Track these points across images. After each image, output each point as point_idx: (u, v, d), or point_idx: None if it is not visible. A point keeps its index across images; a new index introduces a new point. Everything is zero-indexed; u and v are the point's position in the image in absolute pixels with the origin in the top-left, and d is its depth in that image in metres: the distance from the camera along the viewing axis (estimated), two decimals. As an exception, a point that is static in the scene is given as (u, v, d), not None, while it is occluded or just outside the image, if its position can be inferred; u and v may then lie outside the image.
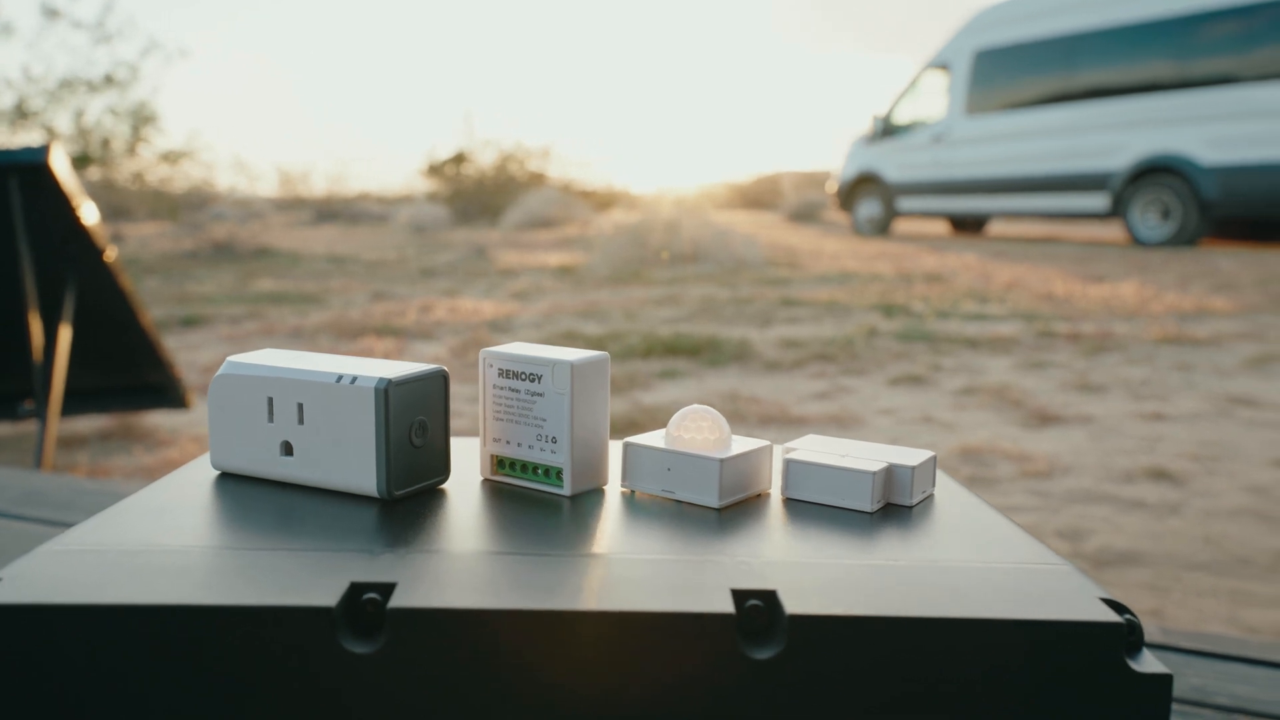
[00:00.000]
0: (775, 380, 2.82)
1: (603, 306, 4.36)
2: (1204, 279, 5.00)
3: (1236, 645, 0.64)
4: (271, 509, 0.38)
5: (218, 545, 0.34)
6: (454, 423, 2.30)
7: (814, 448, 0.43)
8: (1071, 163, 7.50)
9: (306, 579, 0.31)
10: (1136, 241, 7.18)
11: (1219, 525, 1.71)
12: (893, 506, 0.40)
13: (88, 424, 2.48)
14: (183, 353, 3.28)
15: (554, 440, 0.41)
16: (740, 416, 2.36)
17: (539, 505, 0.40)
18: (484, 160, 12.95)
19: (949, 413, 2.43)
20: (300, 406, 0.40)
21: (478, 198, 11.88)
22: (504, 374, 0.42)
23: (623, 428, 2.24)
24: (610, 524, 0.38)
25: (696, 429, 0.41)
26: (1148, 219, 7.14)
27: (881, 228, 9.13)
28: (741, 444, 0.41)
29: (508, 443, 0.42)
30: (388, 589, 0.31)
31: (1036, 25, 7.80)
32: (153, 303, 4.46)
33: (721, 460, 0.39)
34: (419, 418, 0.40)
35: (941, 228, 9.59)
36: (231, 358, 0.42)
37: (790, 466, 0.41)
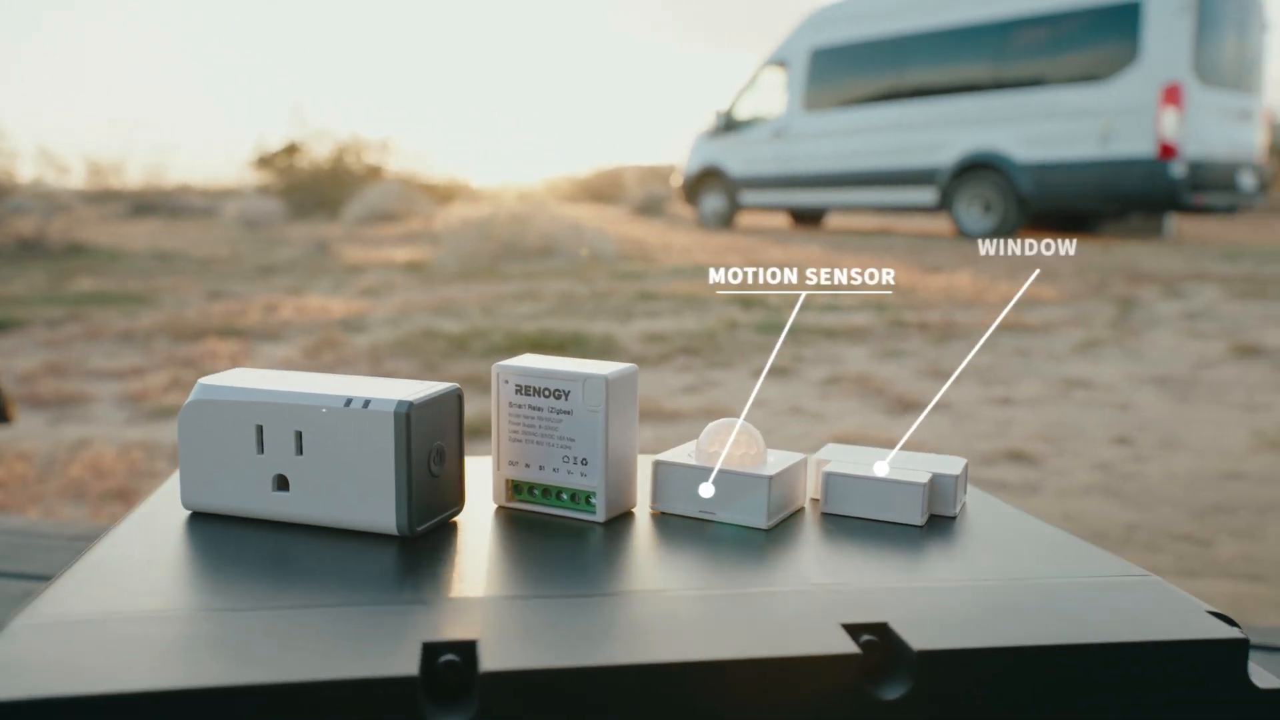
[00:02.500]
0: (644, 375, 2.82)
1: (458, 303, 4.26)
2: (1027, 268, 5.35)
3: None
4: (271, 555, 0.33)
5: (235, 606, 0.29)
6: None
7: (845, 458, 0.41)
8: (902, 159, 7.87)
9: (365, 642, 0.27)
10: (962, 233, 7.60)
11: (1074, 502, 1.82)
12: (935, 518, 0.39)
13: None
14: (-3, 360, 2.98)
15: (584, 462, 0.37)
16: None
17: (575, 535, 0.36)
18: (318, 152, 12.42)
19: (816, 402, 2.50)
20: (299, 435, 0.35)
21: (313, 191, 11.37)
22: (523, 390, 0.38)
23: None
24: (665, 554, 0.35)
25: (731, 444, 0.39)
26: (971, 212, 7.57)
27: (726, 221, 9.32)
28: (779, 458, 0.39)
29: (527, 466, 0.38)
30: (467, 648, 0.27)
31: (868, 26, 8.14)
32: (-46, 305, 4.04)
33: (770, 478, 0.37)
34: (437, 443, 0.36)
35: (782, 221, 9.87)
36: (204, 380, 0.37)
37: (830, 480, 0.39)
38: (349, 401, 0.34)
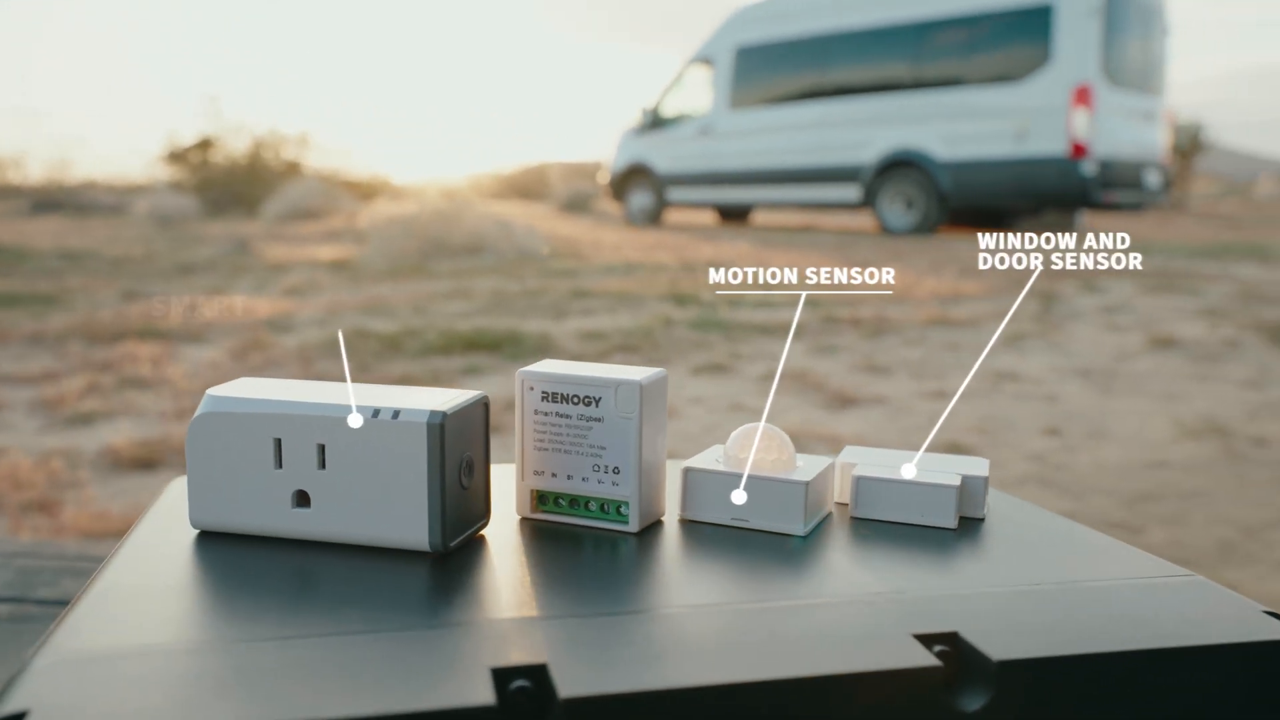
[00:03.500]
0: (583, 373, 2.80)
1: (388, 302, 4.17)
2: (950, 264, 5.47)
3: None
4: (294, 576, 0.31)
5: (271, 635, 0.27)
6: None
7: (868, 461, 0.41)
8: (826, 156, 8.00)
9: (425, 670, 0.25)
10: (885, 230, 7.75)
11: (1012, 492, 1.86)
12: (965, 520, 0.39)
13: None
14: (-103, 366, 2.82)
15: (616, 471, 0.36)
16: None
17: (611, 547, 0.35)
18: (234, 147, 12.06)
19: (757, 399, 2.51)
20: (321, 448, 0.33)
21: (230, 187, 11.03)
22: (550, 398, 0.36)
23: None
24: (709, 565, 0.34)
25: (760, 449, 0.38)
26: (894, 209, 7.73)
27: (653, 218, 9.34)
28: (810, 463, 0.38)
29: (554, 475, 0.37)
30: (537, 673, 0.25)
31: (791, 25, 8.24)
32: None
33: (807, 483, 0.36)
34: (466, 454, 0.34)
35: (709, 217, 9.93)
36: (212, 391, 0.34)
37: (860, 484, 0.39)
38: (377, 412, 0.32)
